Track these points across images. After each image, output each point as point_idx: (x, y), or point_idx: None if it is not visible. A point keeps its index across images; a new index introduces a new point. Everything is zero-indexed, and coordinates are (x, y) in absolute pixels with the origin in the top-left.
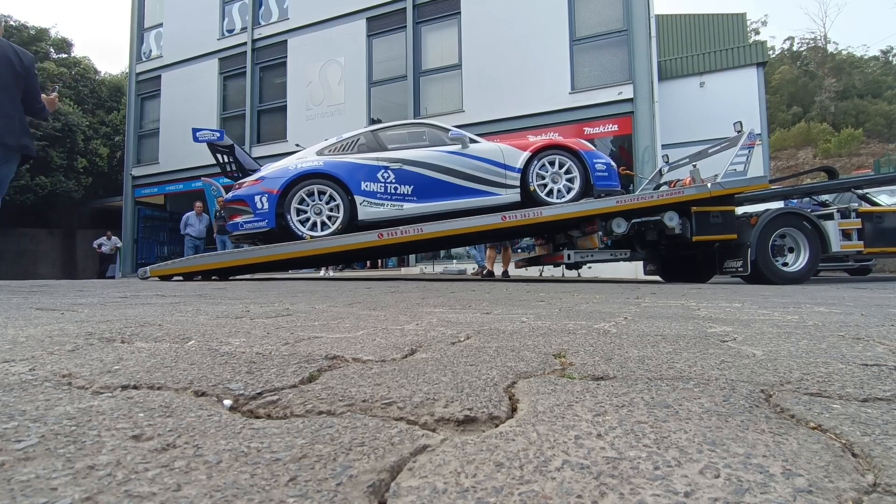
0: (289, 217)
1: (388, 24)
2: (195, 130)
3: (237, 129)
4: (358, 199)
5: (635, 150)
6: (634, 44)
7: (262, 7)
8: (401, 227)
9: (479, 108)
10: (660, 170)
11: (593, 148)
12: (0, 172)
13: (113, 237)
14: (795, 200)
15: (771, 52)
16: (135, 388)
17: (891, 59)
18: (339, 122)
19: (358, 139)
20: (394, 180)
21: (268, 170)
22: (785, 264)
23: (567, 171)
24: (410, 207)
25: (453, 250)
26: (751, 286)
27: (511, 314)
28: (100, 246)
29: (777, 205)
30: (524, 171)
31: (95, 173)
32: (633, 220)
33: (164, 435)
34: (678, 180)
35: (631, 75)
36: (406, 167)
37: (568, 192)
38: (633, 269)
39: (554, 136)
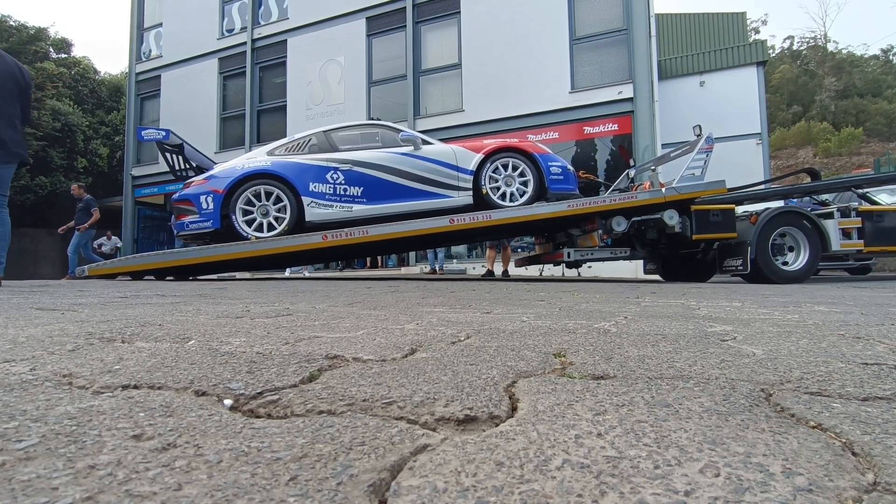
0: (234, 217)
1: (387, 24)
2: (140, 129)
3: (237, 129)
4: (305, 200)
5: (635, 149)
6: (634, 43)
7: (262, 7)
8: (346, 230)
9: (479, 108)
10: (627, 173)
11: (549, 151)
12: (2, 174)
13: (113, 237)
14: (795, 199)
15: (771, 51)
16: (135, 387)
17: (891, 57)
18: (338, 121)
19: (309, 139)
20: (343, 182)
21: (217, 169)
22: (785, 263)
23: (521, 174)
24: (360, 209)
25: (453, 249)
26: (751, 285)
27: (511, 314)
28: (100, 246)
29: (777, 204)
30: (477, 174)
31: (95, 173)
32: (633, 219)
33: (164, 434)
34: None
35: (631, 75)
36: (356, 168)
37: (521, 196)
38: (633, 268)
39: (537, 139)
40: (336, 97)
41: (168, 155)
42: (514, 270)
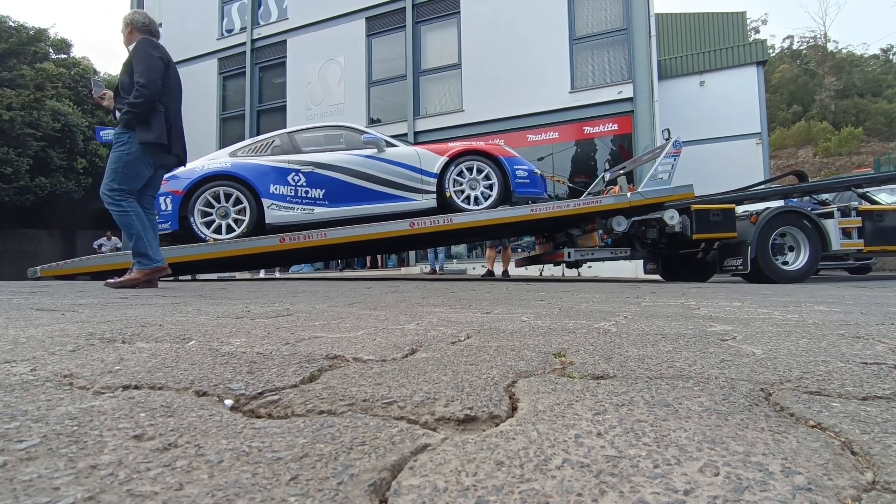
0: (192, 219)
1: (387, 24)
2: (98, 129)
3: (237, 129)
4: (266, 202)
5: (635, 149)
6: (634, 43)
7: (262, 7)
8: (304, 232)
9: (479, 108)
10: (602, 176)
11: (515, 154)
12: (156, 177)
13: (113, 238)
14: (796, 199)
15: (771, 50)
16: (136, 388)
17: (891, 57)
18: (339, 121)
19: (273, 141)
20: (305, 184)
21: (179, 170)
22: (785, 263)
23: (486, 178)
24: (322, 212)
25: (453, 249)
26: (751, 285)
27: (511, 313)
28: (100, 246)
29: (777, 203)
30: (441, 177)
31: (95, 174)
32: (633, 219)
33: (165, 435)
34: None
35: (631, 74)
36: (318, 171)
37: (486, 199)
38: (633, 268)
39: (503, 142)
40: (336, 97)
41: None
42: (514, 270)
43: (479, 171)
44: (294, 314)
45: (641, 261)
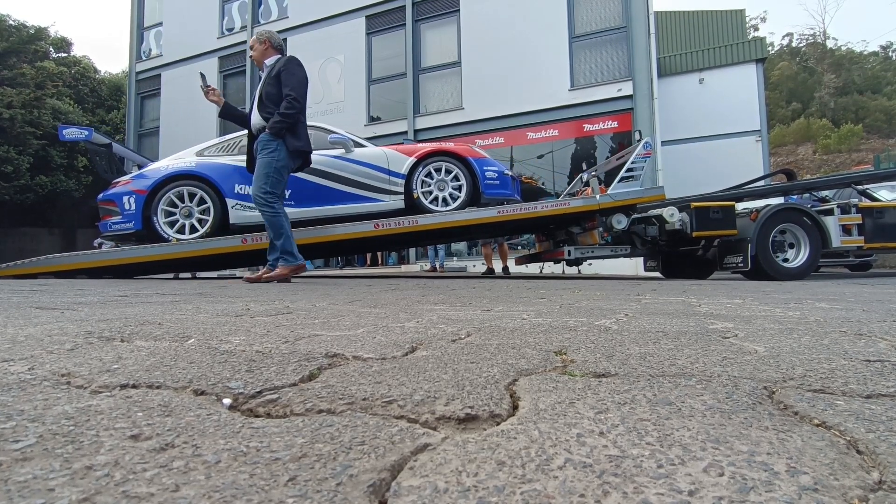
0: (155, 219)
1: (387, 22)
2: (60, 128)
3: (237, 128)
4: (230, 202)
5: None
6: (634, 41)
7: (262, 6)
8: (266, 233)
9: (479, 106)
10: (580, 177)
11: (485, 155)
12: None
13: None
14: (796, 196)
15: (770, 48)
16: (134, 387)
17: (890, 54)
18: (338, 120)
19: (240, 140)
20: None
21: (146, 169)
22: (785, 260)
23: (455, 179)
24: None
25: (454, 247)
26: (751, 282)
27: (512, 311)
28: (100, 245)
29: (777, 200)
30: (409, 177)
31: (96, 172)
32: (633, 216)
33: (162, 434)
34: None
35: (630, 72)
36: None
37: (454, 201)
38: (634, 265)
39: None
40: (336, 95)
41: (96, 157)
42: (514, 268)
43: (448, 172)
44: (294, 312)
45: (642, 258)
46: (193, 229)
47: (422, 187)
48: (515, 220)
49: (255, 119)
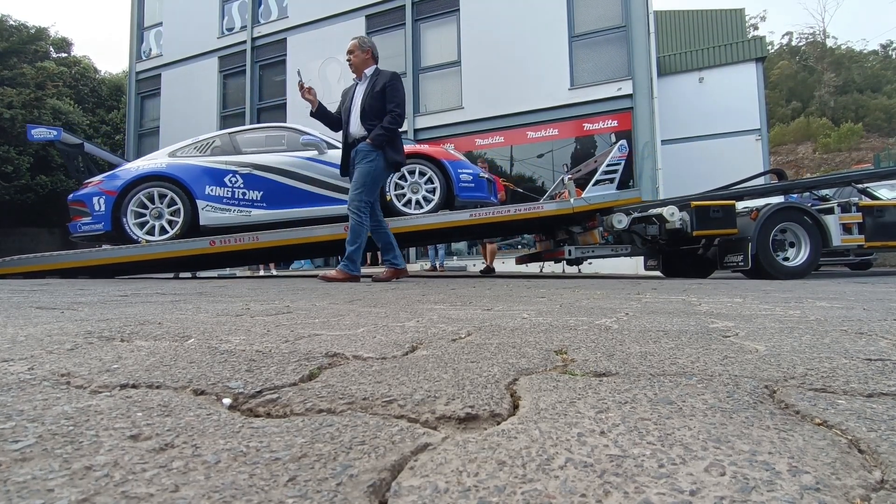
0: (124, 220)
1: (387, 22)
2: (29, 128)
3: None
4: (201, 203)
5: (635, 145)
6: (633, 40)
7: (262, 5)
8: (235, 235)
9: (479, 105)
10: (562, 179)
11: (461, 158)
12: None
13: None
14: (796, 195)
15: (770, 47)
16: (133, 387)
17: (890, 53)
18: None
19: (213, 141)
20: (242, 185)
21: (118, 170)
22: (786, 259)
23: (429, 181)
24: (259, 214)
25: (454, 246)
26: (752, 281)
27: (512, 311)
28: (101, 244)
29: (778, 199)
30: None
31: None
32: (634, 216)
33: (162, 434)
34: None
35: (630, 71)
36: (256, 172)
37: (428, 203)
38: (634, 264)
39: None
40: (336, 95)
41: (71, 157)
42: (514, 267)
43: (423, 175)
44: (294, 312)
45: (642, 257)
46: (163, 231)
47: (394, 189)
48: (488, 224)
49: (356, 129)
